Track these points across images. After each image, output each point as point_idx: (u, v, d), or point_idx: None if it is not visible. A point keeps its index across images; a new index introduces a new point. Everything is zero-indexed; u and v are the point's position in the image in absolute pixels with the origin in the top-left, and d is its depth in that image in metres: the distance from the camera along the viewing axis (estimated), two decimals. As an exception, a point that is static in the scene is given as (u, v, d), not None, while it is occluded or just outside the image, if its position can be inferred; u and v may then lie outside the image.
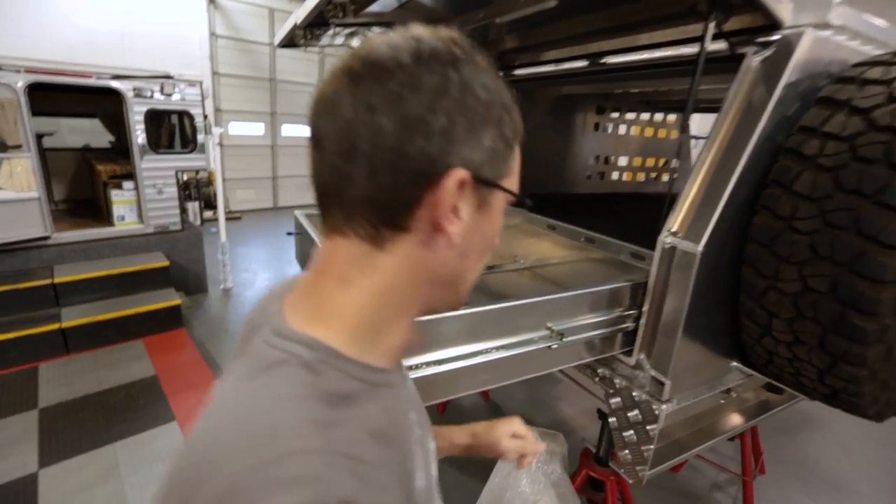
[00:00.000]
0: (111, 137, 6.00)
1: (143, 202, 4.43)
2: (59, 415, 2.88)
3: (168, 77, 4.36)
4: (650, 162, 3.24)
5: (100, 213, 4.88)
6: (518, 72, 2.18)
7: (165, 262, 4.29)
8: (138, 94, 4.21)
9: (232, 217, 8.67)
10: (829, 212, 0.97)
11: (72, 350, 3.56)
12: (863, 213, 0.94)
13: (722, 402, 1.54)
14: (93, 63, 4.14)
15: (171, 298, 4.07)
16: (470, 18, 1.84)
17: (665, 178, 3.36)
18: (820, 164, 1.00)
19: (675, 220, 1.19)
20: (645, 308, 1.27)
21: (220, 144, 8.62)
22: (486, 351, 1.04)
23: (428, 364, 0.97)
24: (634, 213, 2.40)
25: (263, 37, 8.81)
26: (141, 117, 4.25)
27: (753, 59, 1.18)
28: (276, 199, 9.77)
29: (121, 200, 4.42)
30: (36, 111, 4.17)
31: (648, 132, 3.14)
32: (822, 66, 1.15)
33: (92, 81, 3.95)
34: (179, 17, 7.62)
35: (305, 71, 9.53)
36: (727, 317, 1.28)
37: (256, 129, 9.21)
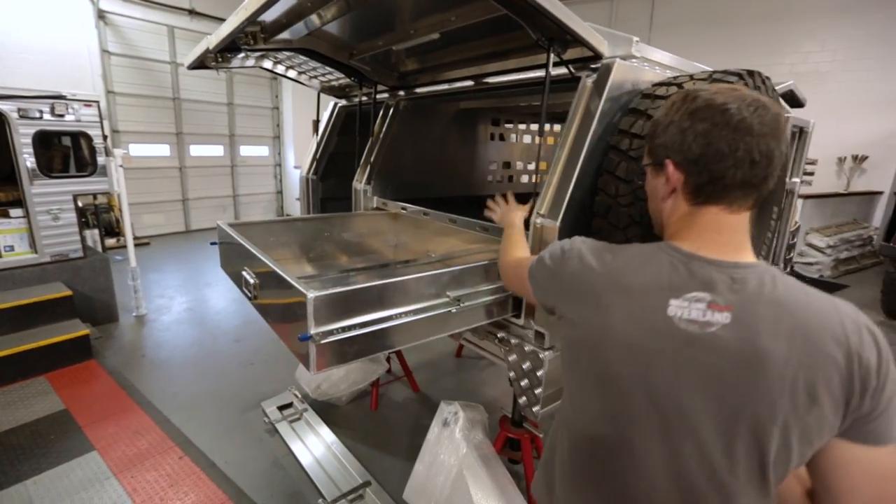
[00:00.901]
0: (-10, 163, 5.43)
1: (35, 230, 4.12)
2: (-48, 463, 2.64)
3: (60, 97, 4.13)
4: (543, 166, 3.71)
5: (-18, 245, 4.42)
6: (419, 90, 2.47)
7: (67, 292, 4.02)
8: (24, 115, 3.95)
9: (140, 243, 8.11)
10: (637, 189, 1.35)
11: (-40, 394, 3.23)
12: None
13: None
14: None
15: (76, 329, 3.83)
16: (371, 46, 2.11)
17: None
18: (630, 156, 1.38)
19: (542, 205, 1.53)
20: (527, 276, 1.59)
21: (121, 167, 8.06)
22: (396, 316, 1.28)
23: (345, 329, 1.19)
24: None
25: (163, 55, 8.43)
26: (29, 140, 3.97)
27: (587, 81, 1.57)
28: (187, 222, 9.27)
29: (8, 229, 4.08)
30: None
31: (538, 140, 3.62)
32: (634, 85, 1.56)
33: (-33, 102, 3.65)
34: (64, 32, 7.09)
35: (213, 90, 9.23)
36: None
37: (161, 150, 8.73)
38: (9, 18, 6.58)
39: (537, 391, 1.62)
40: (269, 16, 1.77)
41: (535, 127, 3.55)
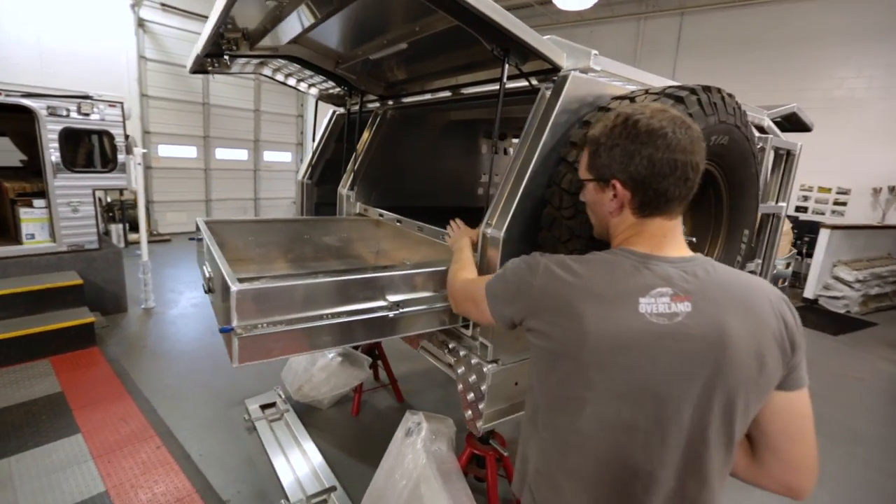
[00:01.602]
0: (23, 156, 5.80)
1: (55, 220, 4.35)
2: (-53, 435, 2.78)
3: (86, 97, 4.38)
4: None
5: (7, 232, 4.70)
6: (405, 99, 2.52)
7: (78, 281, 4.21)
8: (53, 112, 4.21)
9: (161, 239, 8.45)
10: (579, 202, 1.33)
11: (-33, 371, 3.42)
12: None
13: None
14: (1, 80, 4.10)
15: (82, 317, 3.99)
16: (353, 55, 2.16)
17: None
18: (576, 168, 1.36)
19: (492, 216, 1.52)
20: (476, 286, 1.58)
21: (149, 167, 8.47)
22: (325, 316, 1.29)
23: (270, 324, 1.21)
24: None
25: (197, 60, 8.84)
26: (55, 136, 4.22)
27: (546, 92, 1.56)
28: (209, 221, 9.59)
29: (30, 218, 4.32)
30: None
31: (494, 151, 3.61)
32: (590, 97, 1.55)
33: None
34: (105, 38, 7.56)
35: (241, 96, 9.61)
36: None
37: (189, 152, 9.12)
38: (57, 26, 7.06)
39: (481, 405, 1.59)
40: (246, 22, 1.85)
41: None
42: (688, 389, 0.80)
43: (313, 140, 3.39)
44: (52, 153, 4.23)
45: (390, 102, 2.66)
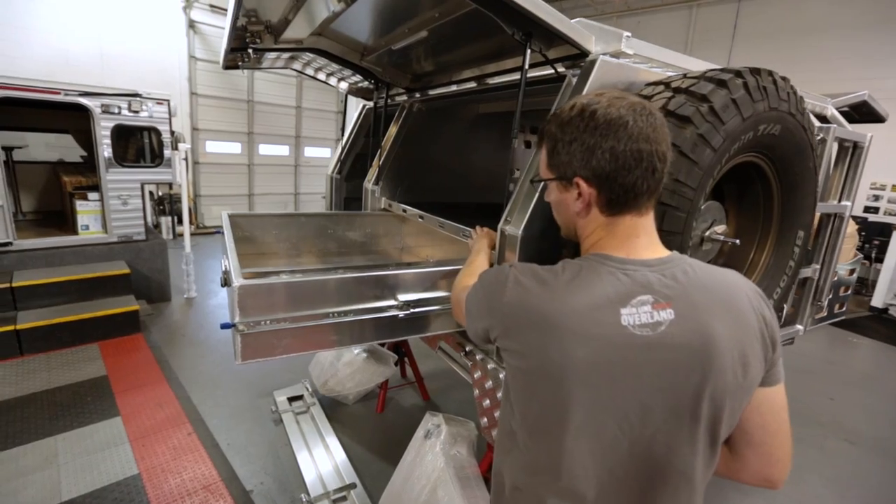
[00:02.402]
0: (83, 152, 6.18)
1: (107, 212, 4.60)
2: (5, 411, 2.98)
3: (136, 95, 4.59)
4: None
5: (66, 222, 5.02)
6: (431, 92, 2.45)
7: (126, 270, 4.43)
8: (106, 110, 4.44)
9: (206, 232, 8.83)
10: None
11: (25, 352, 3.67)
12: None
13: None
14: (68, 81, 4.37)
15: (129, 304, 4.21)
16: (376, 45, 2.11)
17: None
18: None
19: (510, 212, 1.43)
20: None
21: (197, 162, 8.86)
22: (332, 315, 1.24)
23: (274, 321, 1.17)
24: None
25: (243, 59, 9.15)
26: (108, 132, 4.46)
27: (572, 80, 1.45)
28: (252, 215, 9.95)
29: (85, 210, 4.58)
30: (5, 126, 4.34)
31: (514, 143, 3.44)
32: (622, 84, 1.42)
33: (60, 98, 4.16)
34: (159, 40, 7.95)
35: (283, 93, 9.87)
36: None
37: (233, 147, 9.47)
38: (116, 29, 7.49)
39: (497, 413, 1.50)
40: (268, 13, 1.83)
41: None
42: (674, 400, 0.76)
43: (342, 135, 3.38)
44: (105, 149, 4.47)
45: (417, 95, 2.60)
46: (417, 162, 2.72)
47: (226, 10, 1.62)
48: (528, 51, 1.39)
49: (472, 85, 2.11)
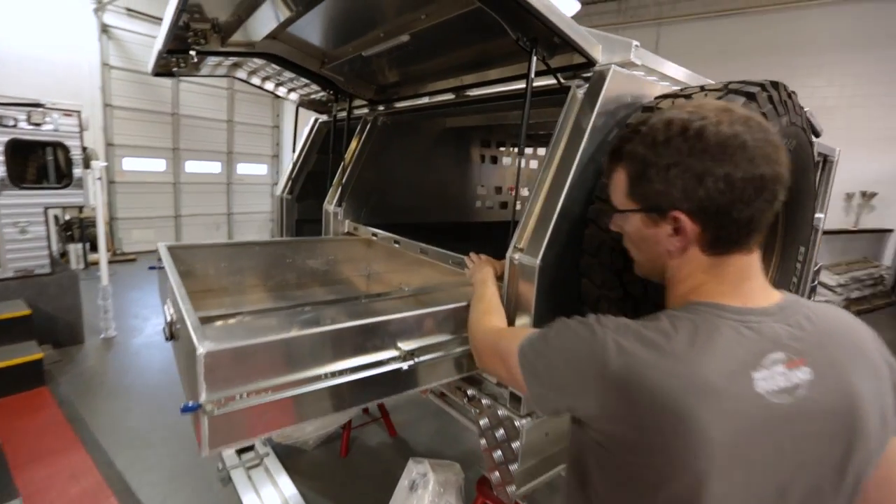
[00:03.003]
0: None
1: (0, 243, 3.88)
2: None
3: (37, 105, 3.96)
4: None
5: (-56, 257, 4.18)
6: (399, 104, 2.25)
7: (26, 311, 3.74)
8: (-2, 122, 3.77)
9: (125, 259, 7.90)
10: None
11: None
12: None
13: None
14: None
15: (30, 352, 3.54)
16: (342, 52, 1.89)
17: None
18: (627, 182, 1.12)
19: (521, 238, 1.26)
20: (500, 323, 1.30)
21: (113, 181, 7.94)
22: (323, 377, 0.99)
23: (253, 393, 0.91)
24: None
25: (165, 70, 8.39)
26: (0, 148, 3.78)
27: (578, 91, 1.32)
28: (178, 238, 9.08)
29: (-30, 242, 3.84)
30: None
31: (533, 164, 3.38)
32: (634, 97, 1.31)
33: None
34: (67, 45, 7.07)
35: (213, 105, 9.18)
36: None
37: (157, 165, 8.61)
38: (13, 30, 6.55)
39: (512, 467, 1.31)
40: (216, 10, 1.55)
41: (531, 150, 3.32)
42: (816, 477, 0.64)
43: (294, 151, 3.08)
44: (-3, 168, 3.79)
45: (380, 108, 2.39)
46: (384, 180, 2.50)
47: (144, 14, 1.35)
48: (534, 58, 1.24)
49: (449, 97, 1.94)
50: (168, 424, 3.22)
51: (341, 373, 1.02)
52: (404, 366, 1.12)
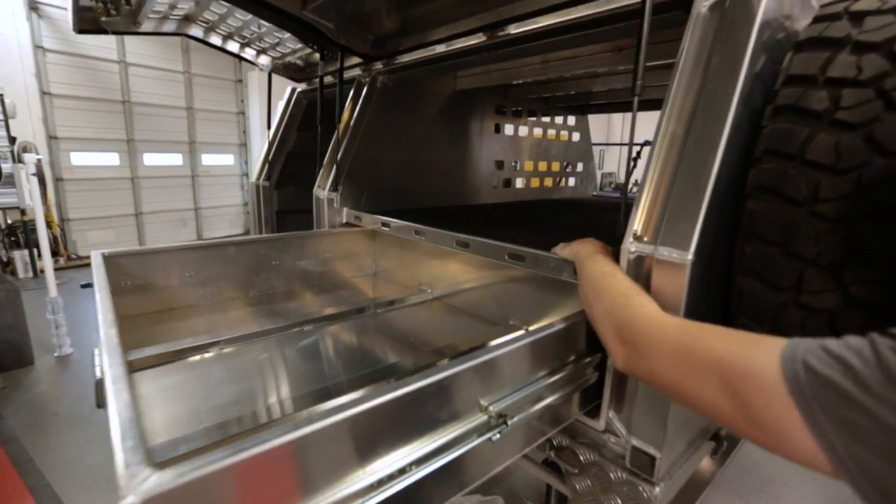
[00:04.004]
0: None
1: (-86, 257, 3.23)
2: None
3: (-53, 88, 3.29)
4: (556, 166, 3.05)
5: None
6: (403, 58, 1.77)
7: (-47, 336, 3.14)
8: None
9: (80, 264, 7.16)
10: (866, 189, 0.67)
11: None
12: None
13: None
14: None
15: (-39, 385, 2.95)
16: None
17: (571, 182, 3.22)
18: (839, 122, 0.70)
19: (647, 224, 0.83)
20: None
21: (60, 179, 7.14)
22: (373, 487, 0.55)
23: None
24: (555, 221, 2.07)
25: (111, 53, 7.54)
26: None
27: (701, 8, 0.89)
28: (141, 238, 8.32)
29: None
30: None
31: (550, 136, 2.94)
32: (788, 14, 0.89)
33: None
34: (-13, 24, 6.18)
35: (169, 91, 8.35)
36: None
37: (110, 159, 7.80)
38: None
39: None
40: None
41: (546, 119, 2.88)
42: None
43: (268, 130, 2.56)
44: None
45: (379, 66, 1.91)
46: (389, 157, 2.02)
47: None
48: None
49: (478, 40, 1.48)
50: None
51: (390, 477, 0.58)
52: (496, 434, 0.69)
